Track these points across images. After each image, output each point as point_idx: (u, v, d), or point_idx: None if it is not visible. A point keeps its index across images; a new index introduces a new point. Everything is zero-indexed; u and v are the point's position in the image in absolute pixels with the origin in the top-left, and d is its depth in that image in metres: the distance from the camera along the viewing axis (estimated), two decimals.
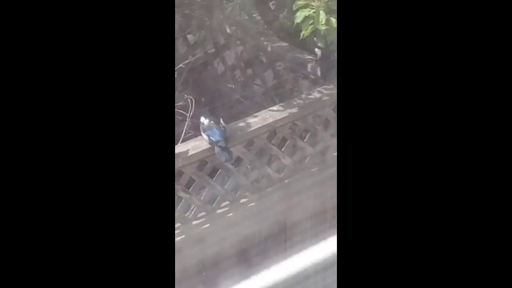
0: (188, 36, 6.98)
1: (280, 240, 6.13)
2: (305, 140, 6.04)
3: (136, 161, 3.64)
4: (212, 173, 5.75)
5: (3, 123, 3.54)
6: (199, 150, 5.59)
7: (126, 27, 3.68)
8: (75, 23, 3.64)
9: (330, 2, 5.29)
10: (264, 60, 6.84)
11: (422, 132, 3.67)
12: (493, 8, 3.70)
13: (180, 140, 5.92)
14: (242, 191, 5.91)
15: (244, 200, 5.92)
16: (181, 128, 6.11)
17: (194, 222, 5.75)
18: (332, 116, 6.02)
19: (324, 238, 5.88)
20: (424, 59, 3.71)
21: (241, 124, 5.79)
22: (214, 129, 5.56)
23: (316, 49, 6.29)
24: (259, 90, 6.96)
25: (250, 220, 5.92)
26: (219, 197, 5.83)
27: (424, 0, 3.72)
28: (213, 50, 7.01)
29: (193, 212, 5.77)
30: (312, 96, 6.02)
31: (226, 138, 5.57)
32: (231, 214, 5.84)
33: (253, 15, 6.57)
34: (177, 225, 5.69)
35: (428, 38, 3.72)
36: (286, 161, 6.01)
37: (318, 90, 6.05)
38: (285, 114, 5.87)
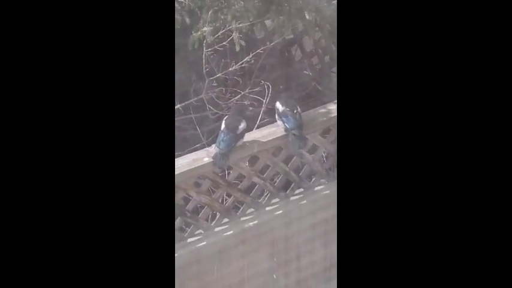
0: (266, 21, 6.94)
1: None
2: None
3: (136, 161, 3.63)
4: (287, 160, 5.73)
5: (2, 124, 3.55)
6: (275, 136, 5.57)
7: (126, 26, 3.66)
8: (74, 23, 3.64)
9: None
10: None
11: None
12: (493, 8, 3.64)
13: (256, 126, 5.91)
14: (317, 179, 5.88)
15: (319, 187, 5.89)
16: (257, 113, 6.11)
17: (267, 208, 5.74)
18: None
19: None
20: (426, 62, 3.67)
21: (318, 111, 5.75)
22: (289, 116, 5.53)
23: None
24: (336, 77, 6.89)
25: (323, 207, 5.88)
26: (293, 183, 5.81)
27: (424, 4, 3.67)
28: (291, 36, 6.96)
29: (266, 198, 5.77)
30: None
31: (301, 125, 5.53)
32: (305, 201, 5.81)
33: (333, 1, 6.50)
34: (249, 210, 5.70)
35: (427, 40, 3.67)
36: None
37: None
38: None
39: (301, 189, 5.85)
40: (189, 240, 5.51)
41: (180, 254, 5.40)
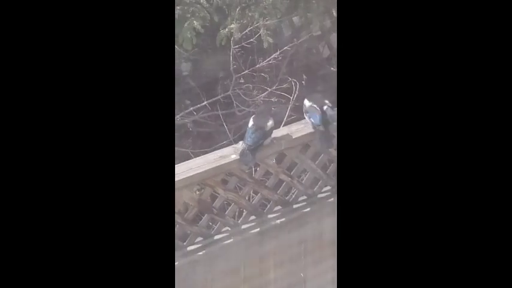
0: (294, 18, 6.94)
1: None
2: None
3: (137, 160, 3.59)
4: (314, 157, 5.71)
5: (3, 124, 3.53)
6: (302, 133, 5.55)
7: (126, 25, 3.62)
8: (75, 22, 3.62)
9: None
10: None
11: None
12: (493, 8, 3.60)
13: (283, 123, 5.90)
14: None
15: None
16: (284, 110, 6.10)
17: (295, 206, 5.73)
18: None
19: None
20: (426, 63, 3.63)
21: None
22: (315, 112, 5.51)
23: None
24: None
25: None
26: (320, 181, 5.79)
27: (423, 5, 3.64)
28: (318, 33, 6.95)
29: (294, 196, 5.76)
30: None
31: (327, 122, 5.50)
32: (332, 199, 5.79)
33: None
34: (277, 208, 5.68)
35: (427, 41, 3.63)
36: None
37: None
38: None
39: (329, 187, 5.82)
40: (216, 237, 5.50)
41: (207, 251, 5.40)
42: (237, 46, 6.08)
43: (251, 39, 6.10)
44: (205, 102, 6.24)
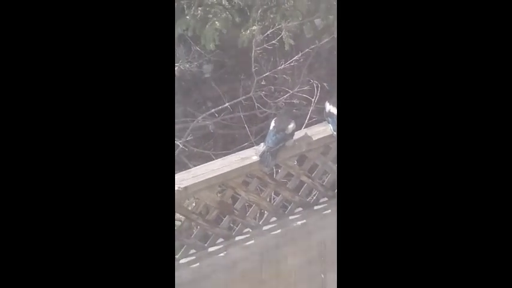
0: (316, 20, 6.95)
1: None
2: None
3: (137, 161, 3.57)
4: (336, 159, 5.70)
5: (2, 124, 3.53)
6: (324, 135, 5.55)
7: (126, 26, 3.62)
8: (75, 23, 3.61)
9: None
10: None
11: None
12: (493, 8, 3.57)
13: (304, 125, 5.91)
14: None
15: None
16: (306, 112, 6.10)
17: (316, 207, 5.73)
18: None
19: None
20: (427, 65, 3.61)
21: None
22: (334, 118, 5.49)
23: None
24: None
25: None
26: None
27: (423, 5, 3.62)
28: None
29: (315, 197, 5.76)
30: None
31: None
32: None
33: None
34: (298, 209, 5.69)
35: (428, 42, 3.61)
36: None
37: None
38: None
39: None
40: (237, 238, 5.52)
41: (228, 252, 5.42)
42: (258, 48, 6.10)
43: (273, 41, 6.11)
44: (226, 104, 6.26)
